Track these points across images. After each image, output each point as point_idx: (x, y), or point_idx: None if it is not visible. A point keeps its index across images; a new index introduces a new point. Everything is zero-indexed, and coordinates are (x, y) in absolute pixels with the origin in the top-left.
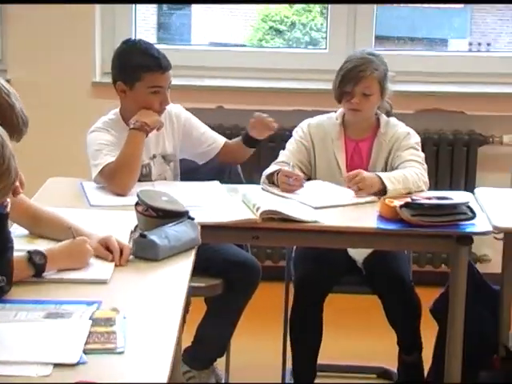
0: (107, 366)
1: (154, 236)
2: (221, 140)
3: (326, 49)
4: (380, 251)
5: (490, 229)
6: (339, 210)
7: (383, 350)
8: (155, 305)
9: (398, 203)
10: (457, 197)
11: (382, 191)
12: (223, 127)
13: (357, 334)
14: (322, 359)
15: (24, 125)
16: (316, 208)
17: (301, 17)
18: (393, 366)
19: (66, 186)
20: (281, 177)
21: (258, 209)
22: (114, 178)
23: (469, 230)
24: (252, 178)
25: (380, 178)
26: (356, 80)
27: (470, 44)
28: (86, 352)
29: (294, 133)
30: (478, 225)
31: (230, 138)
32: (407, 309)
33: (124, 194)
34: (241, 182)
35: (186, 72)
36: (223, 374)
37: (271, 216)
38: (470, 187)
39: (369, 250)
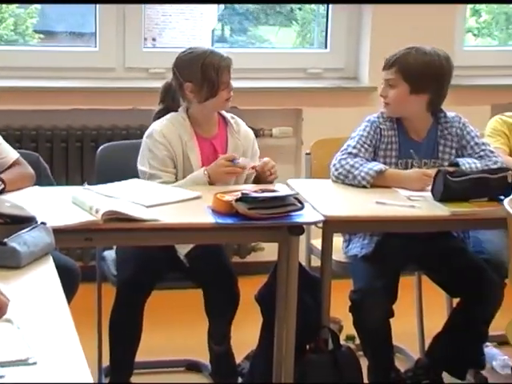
0: (27, 378)
1: (13, 243)
2: (12, 155)
3: (96, 47)
4: (201, 244)
5: (322, 218)
6: (169, 208)
7: (197, 343)
8: (41, 312)
9: (230, 198)
10: (277, 189)
11: None
12: None
13: (170, 329)
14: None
15: None
16: (148, 206)
17: None
18: (206, 359)
19: None
20: (221, 162)
21: (97, 210)
22: None
23: (300, 220)
24: (68, 179)
25: None
26: (228, 68)
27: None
28: None
29: (152, 148)
30: (307, 215)
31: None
32: (229, 299)
33: None
34: (51, 184)
35: None
36: None
37: (113, 216)
38: None
39: (191, 244)
